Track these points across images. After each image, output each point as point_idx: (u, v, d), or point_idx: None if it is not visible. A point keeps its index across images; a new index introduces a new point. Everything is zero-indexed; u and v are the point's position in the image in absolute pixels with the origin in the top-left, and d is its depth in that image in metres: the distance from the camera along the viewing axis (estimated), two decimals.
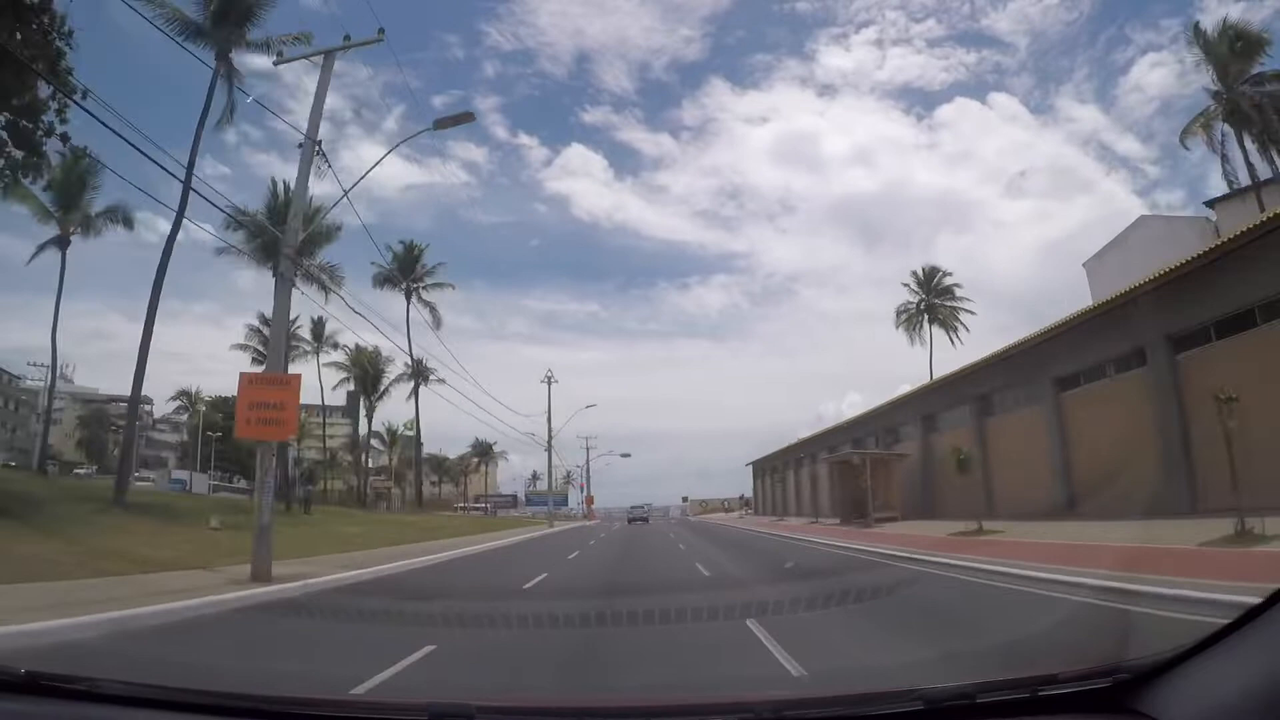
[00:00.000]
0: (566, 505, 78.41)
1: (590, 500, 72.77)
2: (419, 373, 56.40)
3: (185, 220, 20.70)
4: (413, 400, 54.57)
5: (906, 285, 56.06)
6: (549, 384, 41.03)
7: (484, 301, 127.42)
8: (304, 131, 13.19)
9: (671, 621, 7.42)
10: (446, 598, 10.96)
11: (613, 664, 5.92)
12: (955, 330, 54.71)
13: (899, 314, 56.19)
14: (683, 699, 3.09)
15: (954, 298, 55.12)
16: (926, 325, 55.14)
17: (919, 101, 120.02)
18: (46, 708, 2.28)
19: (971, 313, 55.44)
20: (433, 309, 51.89)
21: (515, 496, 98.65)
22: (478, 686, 5.15)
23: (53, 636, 6.49)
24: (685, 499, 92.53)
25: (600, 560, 18.52)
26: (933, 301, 54.89)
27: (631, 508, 55.34)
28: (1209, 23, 32.71)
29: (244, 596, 9.76)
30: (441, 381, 51.29)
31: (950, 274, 55.83)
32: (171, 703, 2.29)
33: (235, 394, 12.59)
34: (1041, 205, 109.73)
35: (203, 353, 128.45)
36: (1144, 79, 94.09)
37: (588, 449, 70.45)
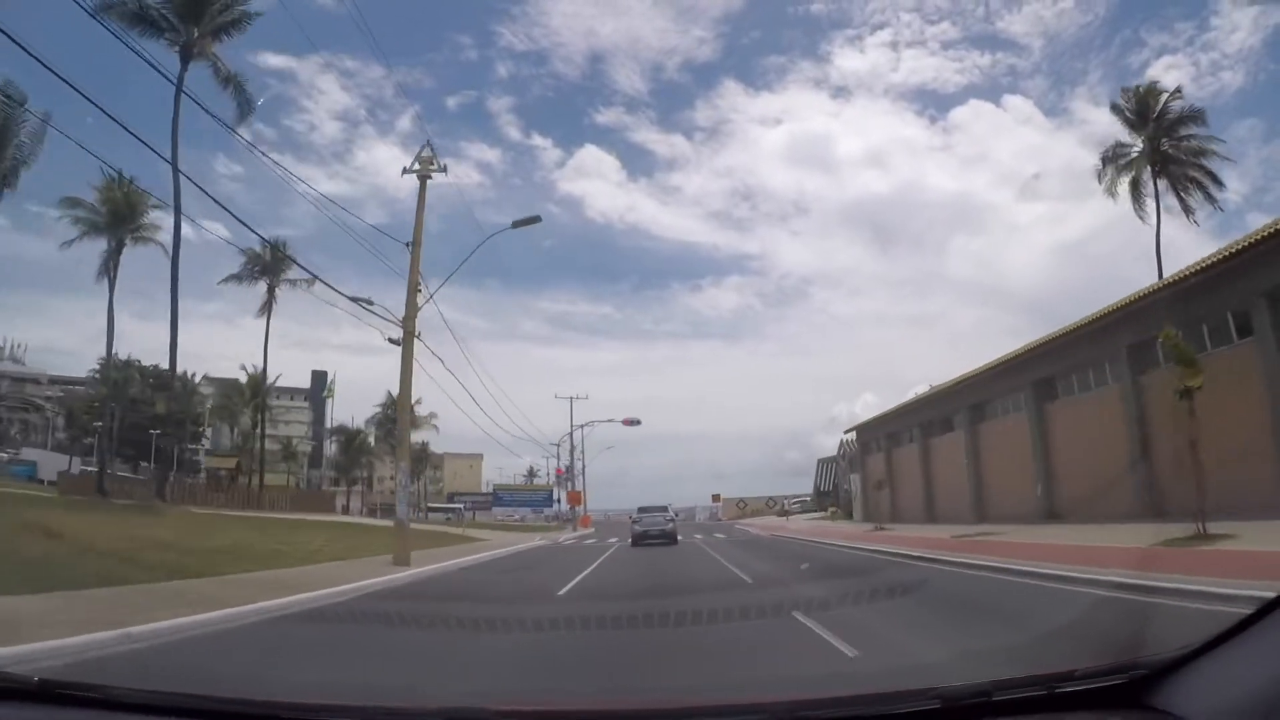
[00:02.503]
0: (551, 505, 54.31)
1: (576, 498, 48.60)
2: (272, 263, 34.16)
3: None
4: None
5: (1117, 108, 32.33)
6: (421, 181, 17.21)
7: (497, 302, 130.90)
8: None
9: None
10: None
11: None
12: (1197, 188, 31.07)
13: (1104, 163, 32.59)
14: (698, 700, 2.90)
15: (1192, 135, 31.30)
16: (1151, 180, 31.53)
17: (933, 104, 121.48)
18: (60, 716, 2.24)
19: (1229, 159, 31.80)
20: (238, 86, 28.54)
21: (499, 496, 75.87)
22: None
23: None
24: (717, 497, 69.02)
25: None
26: (1161, 144, 31.14)
27: (641, 509, 28.23)
28: None
29: None
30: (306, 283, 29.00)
31: (1180, 95, 31.96)
32: (182, 709, 2.23)
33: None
34: (1056, 208, 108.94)
35: (213, 352, 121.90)
36: (1158, 81, 77.51)
37: (573, 413, 46.79)
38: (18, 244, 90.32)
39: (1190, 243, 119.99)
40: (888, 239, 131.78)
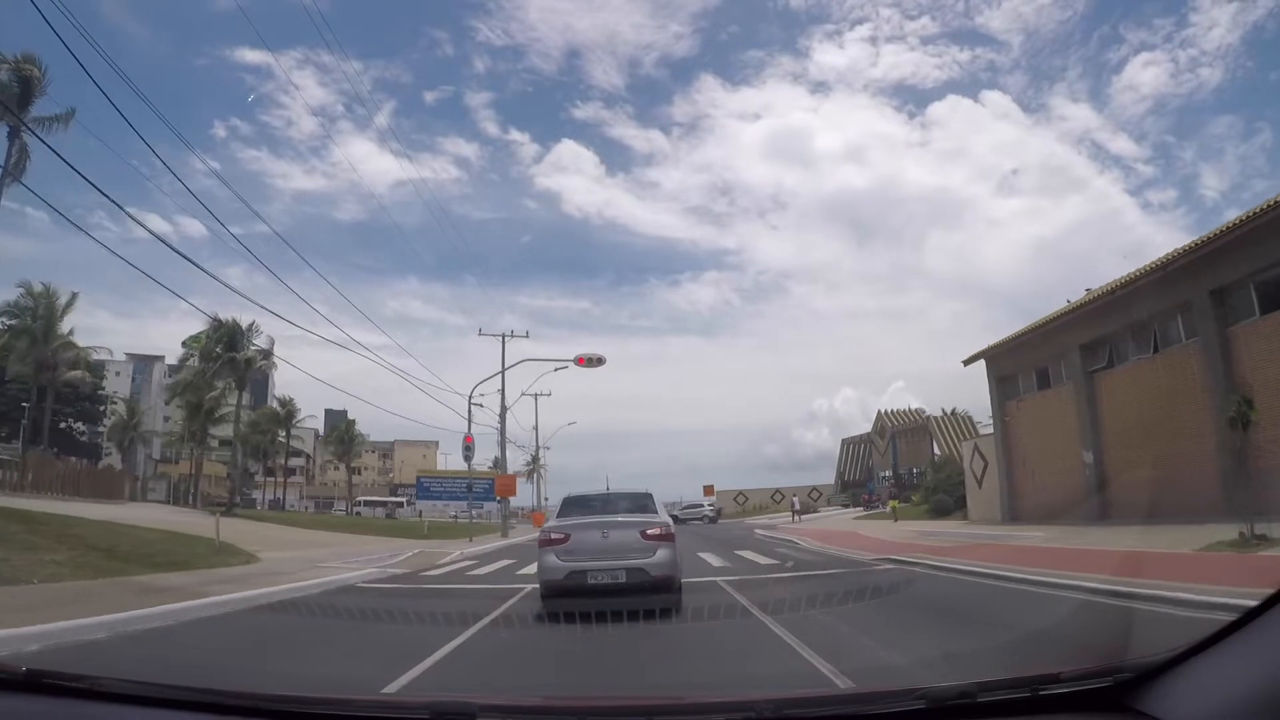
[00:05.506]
0: (495, 498, 41.14)
1: (507, 486, 34.55)
2: (19, 94, 20.23)
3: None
4: None
5: None
6: None
7: (474, 298, 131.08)
8: None
9: None
10: None
11: None
12: None
13: None
14: (685, 698, 2.98)
15: None
16: None
17: (912, 99, 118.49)
18: (48, 706, 2.22)
19: None
20: None
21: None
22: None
23: None
24: (710, 489, 56.46)
25: None
26: None
27: (570, 502, 10.14)
28: None
29: None
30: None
31: None
32: (173, 701, 2.23)
33: None
34: (1033, 203, 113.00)
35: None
36: (1137, 78, 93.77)
37: (504, 353, 33.20)
38: None
39: (1170, 240, 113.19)
40: (866, 234, 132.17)
